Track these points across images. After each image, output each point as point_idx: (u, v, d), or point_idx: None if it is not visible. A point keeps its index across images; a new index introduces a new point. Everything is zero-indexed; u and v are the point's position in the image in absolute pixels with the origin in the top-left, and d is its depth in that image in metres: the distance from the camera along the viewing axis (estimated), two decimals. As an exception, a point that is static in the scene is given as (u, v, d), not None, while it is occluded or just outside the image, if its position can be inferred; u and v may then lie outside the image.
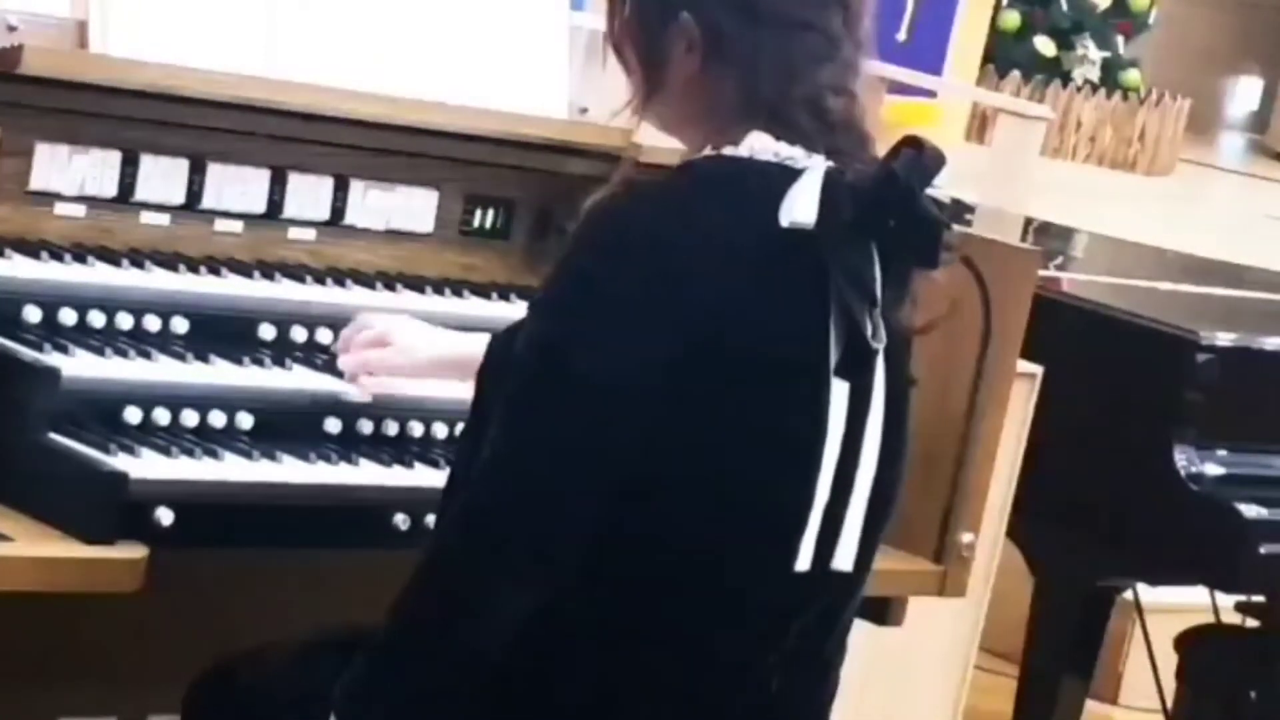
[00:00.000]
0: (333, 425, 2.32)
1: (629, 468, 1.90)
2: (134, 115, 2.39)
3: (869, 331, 1.92)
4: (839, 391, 1.93)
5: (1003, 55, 9.21)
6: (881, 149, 1.99)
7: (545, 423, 1.91)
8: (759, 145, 1.95)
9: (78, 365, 2.19)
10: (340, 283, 2.52)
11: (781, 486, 1.94)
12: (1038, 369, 3.16)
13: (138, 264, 2.38)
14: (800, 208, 1.90)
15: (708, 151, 1.98)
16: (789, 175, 1.93)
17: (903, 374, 2.01)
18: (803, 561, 1.94)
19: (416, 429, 2.38)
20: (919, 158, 1.93)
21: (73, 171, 2.38)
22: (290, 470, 2.22)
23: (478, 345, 2.27)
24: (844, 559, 1.97)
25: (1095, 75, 9.58)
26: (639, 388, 1.89)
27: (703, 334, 1.90)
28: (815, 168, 1.93)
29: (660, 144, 2.68)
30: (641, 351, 1.89)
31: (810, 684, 2.03)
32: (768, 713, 2.00)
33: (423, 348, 2.35)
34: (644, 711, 1.96)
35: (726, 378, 1.91)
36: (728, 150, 1.96)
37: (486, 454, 1.92)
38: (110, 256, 2.37)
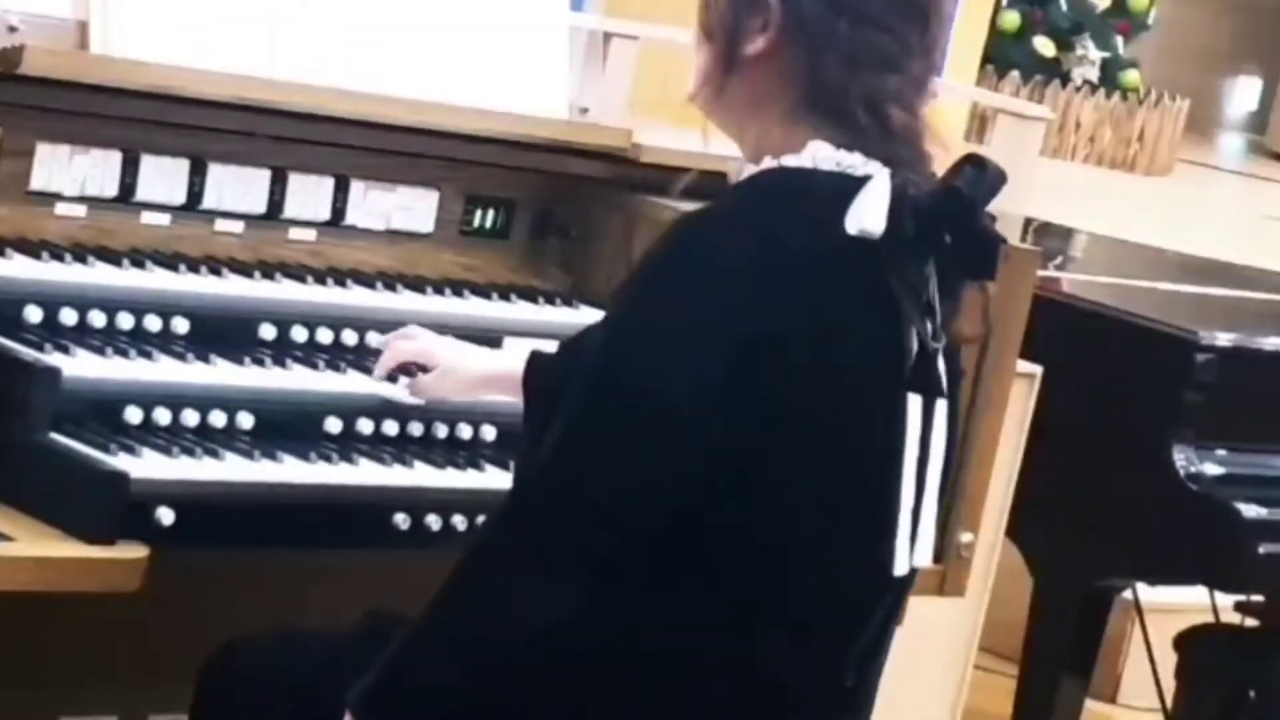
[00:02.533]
0: (333, 425, 2.32)
1: (695, 484, 1.90)
2: (135, 115, 2.38)
3: (930, 335, 1.94)
4: (914, 400, 1.95)
5: (1002, 56, 9.19)
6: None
7: (607, 437, 1.91)
8: (820, 154, 1.97)
9: (78, 365, 2.19)
10: (341, 283, 2.52)
11: (868, 497, 1.95)
12: (1037, 369, 3.15)
13: (138, 264, 2.37)
14: (869, 217, 1.92)
15: (769, 163, 1.98)
16: (851, 183, 1.94)
17: (957, 377, 2.03)
18: (900, 565, 1.96)
19: (416, 428, 2.38)
20: (982, 175, 1.95)
21: (73, 172, 2.37)
22: (290, 470, 2.22)
23: (520, 361, 2.27)
24: (923, 556, 1.99)
25: (1094, 75, 9.56)
26: (706, 405, 1.89)
27: (771, 351, 1.90)
28: (880, 175, 1.95)
29: (659, 144, 2.69)
30: (706, 374, 1.89)
31: (870, 678, 2.05)
32: (841, 711, 2.01)
33: (469, 366, 2.36)
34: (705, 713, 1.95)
35: (799, 392, 1.91)
36: (789, 160, 1.97)
37: (544, 456, 1.92)
38: (111, 256, 2.37)
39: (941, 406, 1.98)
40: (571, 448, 1.92)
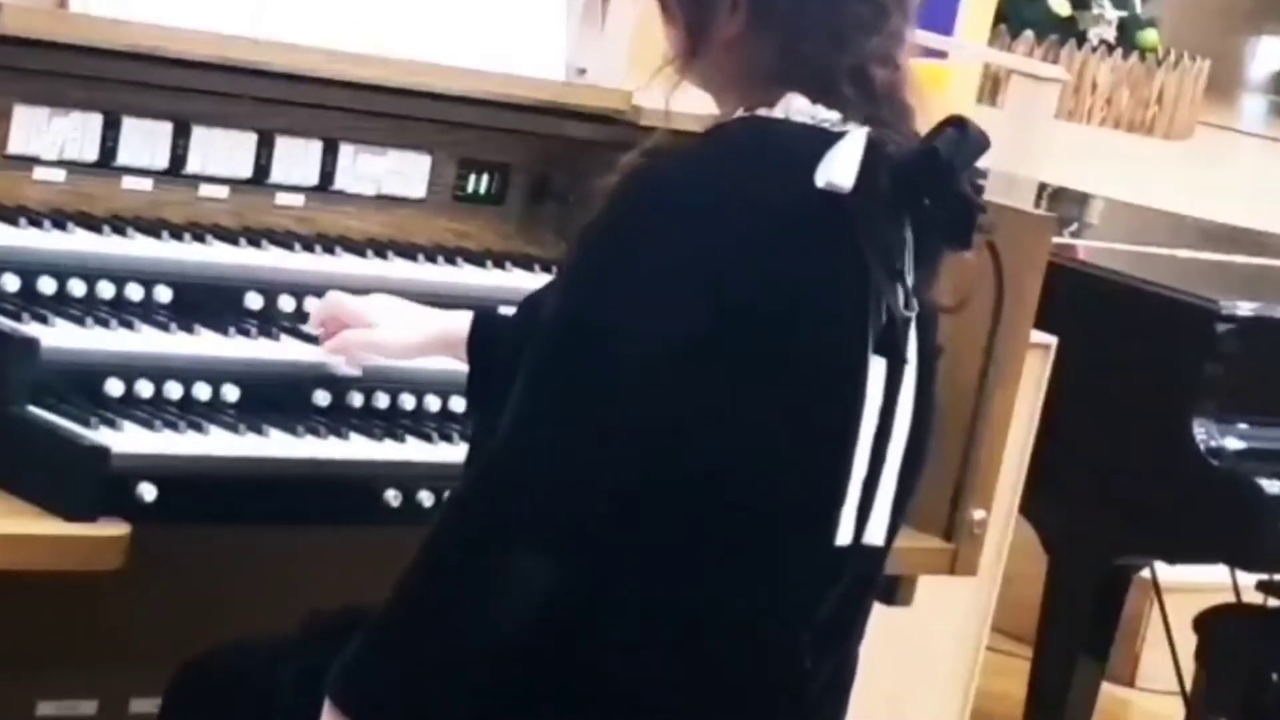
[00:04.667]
0: (322, 398, 2.29)
1: (659, 439, 1.87)
2: (116, 76, 2.35)
3: (900, 302, 1.91)
4: (877, 362, 1.92)
5: (1015, 15, 9.10)
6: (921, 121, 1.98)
7: (570, 394, 1.88)
8: (795, 107, 1.94)
9: (57, 335, 2.16)
10: (329, 250, 2.48)
11: (821, 458, 1.92)
12: (1052, 339, 3.13)
13: (119, 231, 2.34)
14: (839, 170, 1.89)
15: (740, 113, 1.95)
16: (825, 138, 1.91)
17: (931, 346, 2.00)
18: (843, 535, 1.94)
19: (408, 401, 2.34)
20: (963, 139, 1.93)
21: (52, 134, 2.34)
22: (278, 444, 2.19)
23: (463, 322, 2.26)
24: (876, 533, 1.96)
25: (1111, 35, 9.47)
26: (669, 358, 1.86)
27: (735, 301, 1.87)
28: (856, 133, 1.91)
29: (660, 106, 2.63)
30: (672, 321, 1.86)
31: (835, 664, 2.01)
32: (798, 692, 1.97)
33: (409, 329, 2.31)
34: (672, 690, 1.92)
35: (761, 345, 1.88)
36: (762, 111, 1.94)
37: (505, 422, 1.88)
38: (91, 223, 2.34)
39: (909, 379, 1.95)
40: (536, 409, 1.88)
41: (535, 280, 2.58)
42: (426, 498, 2.21)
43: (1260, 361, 3.25)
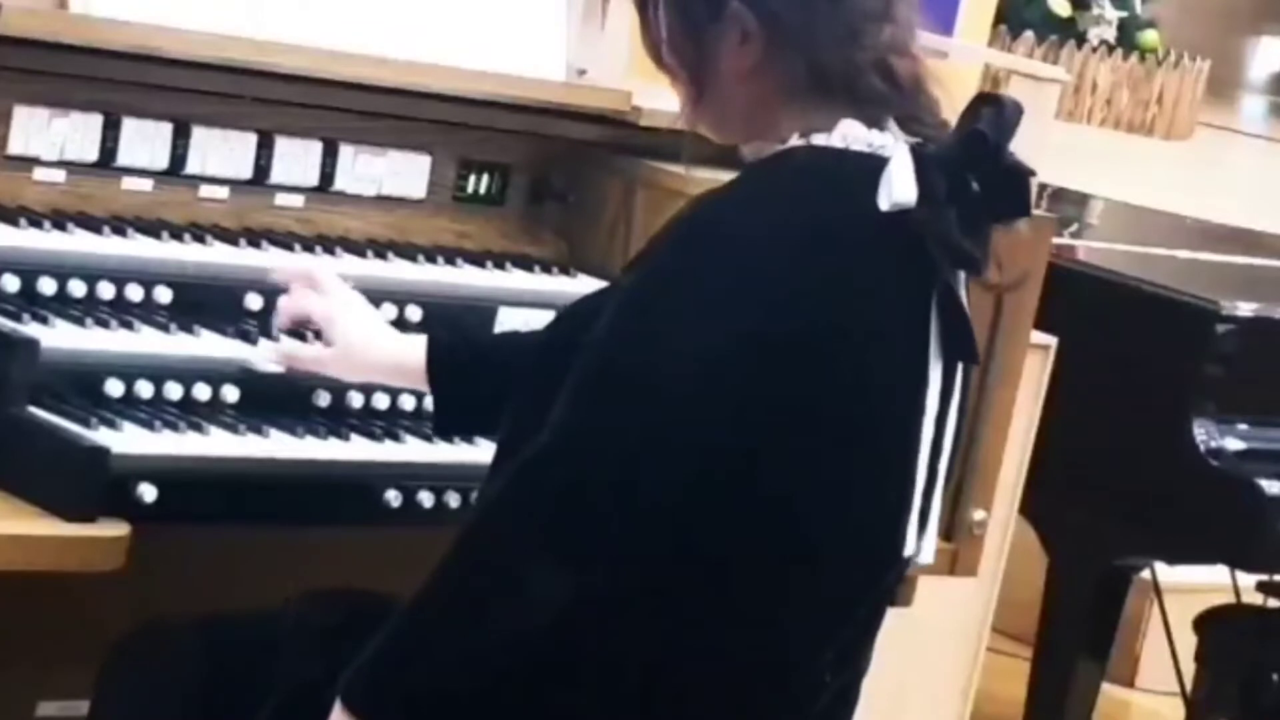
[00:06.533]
0: (322, 398, 2.29)
1: (706, 463, 1.86)
2: (116, 77, 2.35)
3: (967, 305, 1.91)
4: (935, 372, 1.92)
5: (1015, 15, 9.09)
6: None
7: (617, 416, 1.86)
8: (852, 134, 1.93)
9: (57, 336, 2.16)
10: (330, 251, 2.48)
11: (882, 480, 1.92)
12: (1052, 340, 3.12)
13: (119, 231, 2.34)
14: (899, 188, 1.88)
15: (796, 141, 1.94)
16: (882, 164, 1.90)
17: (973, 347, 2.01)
18: (910, 545, 1.94)
19: (408, 401, 2.34)
20: (1001, 114, 1.92)
21: (52, 135, 2.34)
22: (278, 445, 2.19)
23: (417, 352, 2.22)
24: (928, 550, 1.97)
25: (1111, 36, 9.47)
26: (725, 386, 1.85)
27: (800, 333, 1.86)
28: (898, 148, 1.91)
29: (660, 107, 2.64)
30: (731, 353, 1.85)
31: (847, 677, 2.00)
32: (810, 704, 1.97)
33: (361, 350, 2.25)
34: (687, 699, 1.91)
35: (825, 372, 1.87)
36: (819, 139, 1.93)
37: (547, 436, 1.87)
38: (91, 223, 2.34)
39: (956, 393, 1.95)
40: (580, 427, 1.86)
41: (535, 280, 2.59)
42: (426, 498, 2.21)
43: (1260, 361, 3.24)
